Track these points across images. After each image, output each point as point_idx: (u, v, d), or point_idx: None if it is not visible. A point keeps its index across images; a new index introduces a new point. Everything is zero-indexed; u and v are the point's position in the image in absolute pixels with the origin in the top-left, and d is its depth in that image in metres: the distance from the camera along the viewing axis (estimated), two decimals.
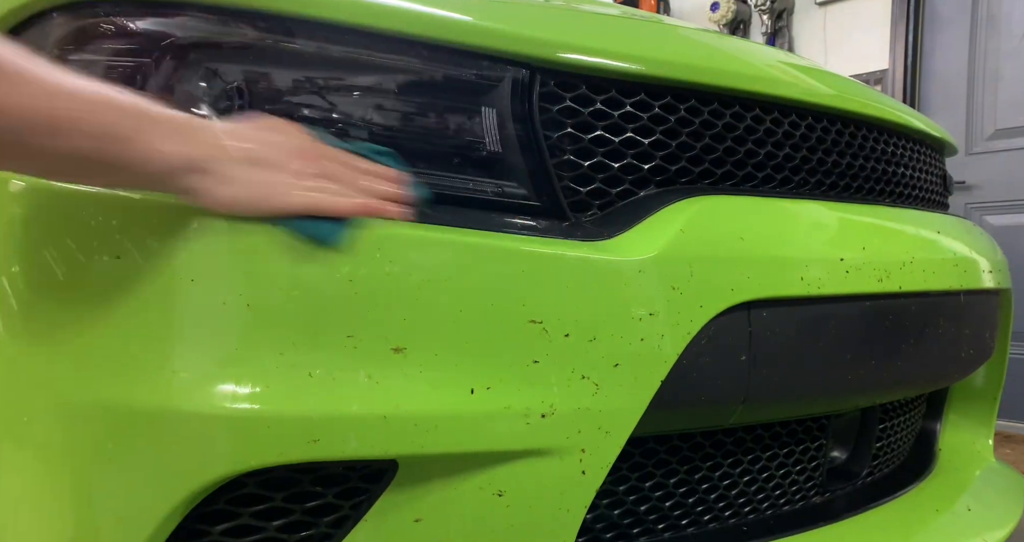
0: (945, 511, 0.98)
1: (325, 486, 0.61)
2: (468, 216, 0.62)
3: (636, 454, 0.77)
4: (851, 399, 0.82)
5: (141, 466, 0.55)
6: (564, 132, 0.68)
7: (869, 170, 0.93)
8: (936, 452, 1.19)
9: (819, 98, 0.84)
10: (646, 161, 0.72)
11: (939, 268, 0.88)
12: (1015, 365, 1.59)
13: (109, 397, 0.55)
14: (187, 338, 0.55)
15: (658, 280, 0.64)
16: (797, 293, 0.71)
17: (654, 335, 0.63)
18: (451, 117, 0.65)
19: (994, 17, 2.81)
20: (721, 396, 0.69)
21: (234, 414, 0.54)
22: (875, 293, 0.78)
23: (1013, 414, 2.65)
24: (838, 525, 0.88)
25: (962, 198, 2.85)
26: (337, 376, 0.56)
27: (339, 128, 0.62)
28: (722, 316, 0.67)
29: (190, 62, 0.60)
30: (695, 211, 0.69)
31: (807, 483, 0.92)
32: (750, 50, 0.89)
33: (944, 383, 1.05)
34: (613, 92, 0.71)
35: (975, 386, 1.24)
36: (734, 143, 0.78)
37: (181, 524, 0.57)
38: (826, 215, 0.80)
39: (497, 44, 0.65)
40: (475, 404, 0.59)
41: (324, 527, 0.62)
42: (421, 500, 0.60)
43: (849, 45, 3.20)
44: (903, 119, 0.98)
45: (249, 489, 0.60)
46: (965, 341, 0.95)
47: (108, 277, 0.56)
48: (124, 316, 0.56)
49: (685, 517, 0.82)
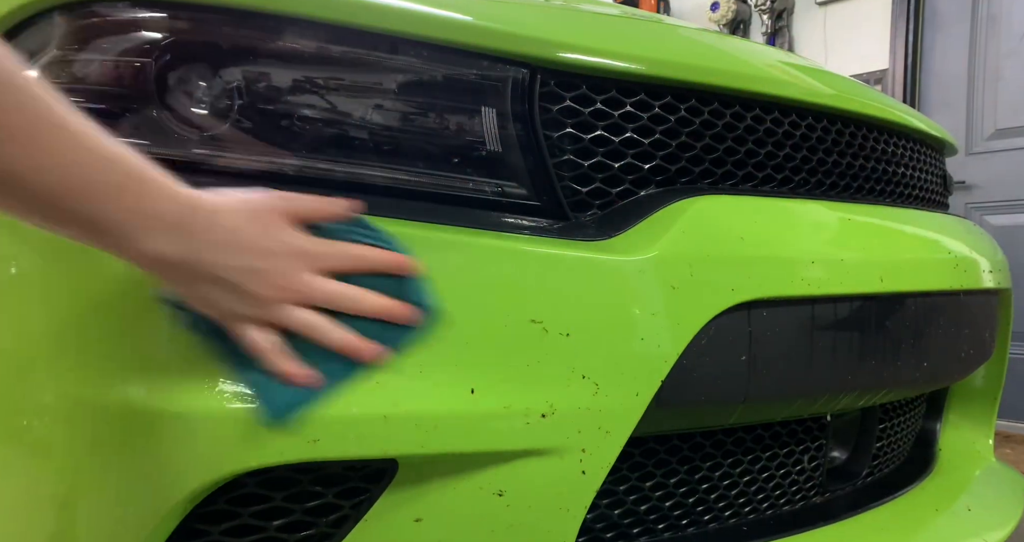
0: (945, 511, 0.98)
1: (325, 486, 0.61)
2: (468, 216, 0.62)
3: (636, 454, 0.77)
4: (851, 399, 0.82)
5: (140, 466, 0.55)
6: (564, 132, 0.68)
7: (869, 170, 0.93)
8: (936, 452, 1.19)
9: (819, 98, 0.84)
10: (646, 161, 0.72)
11: (939, 268, 0.88)
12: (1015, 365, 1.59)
13: (108, 397, 0.55)
14: (187, 338, 0.55)
15: (658, 280, 0.64)
16: (797, 293, 0.71)
17: (654, 335, 0.63)
18: (451, 117, 0.65)
19: (994, 17, 2.81)
20: (721, 396, 0.69)
21: (234, 414, 0.54)
22: (875, 293, 0.78)
23: (1013, 414, 2.65)
24: (838, 525, 0.88)
25: (962, 198, 2.85)
26: None
27: (339, 129, 0.62)
28: (722, 316, 0.67)
29: (190, 62, 0.60)
30: (695, 211, 0.69)
31: (807, 483, 0.92)
32: (750, 50, 0.89)
33: (944, 383, 1.05)
34: (613, 92, 0.71)
35: (975, 386, 1.24)
36: (734, 143, 0.78)
37: (181, 524, 0.57)
38: (826, 215, 0.80)
39: (497, 44, 0.65)
40: (475, 404, 0.59)
41: (324, 527, 0.62)
42: (421, 500, 0.60)
43: (849, 45, 3.20)
44: (903, 119, 0.98)
45: (249, 489, 0.60)
46: (965, 341, 0.95)
47: (107, 276, 0.56)
48: (124, 316, 0.56)
49: (685, 517, 0.82)
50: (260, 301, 0.50)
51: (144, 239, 0.47)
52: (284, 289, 0.50)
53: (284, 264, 0.50)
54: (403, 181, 0.63)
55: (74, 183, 0.44)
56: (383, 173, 0.62)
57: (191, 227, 0.48)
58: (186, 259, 0.48)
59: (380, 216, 0.58)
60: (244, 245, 0.49)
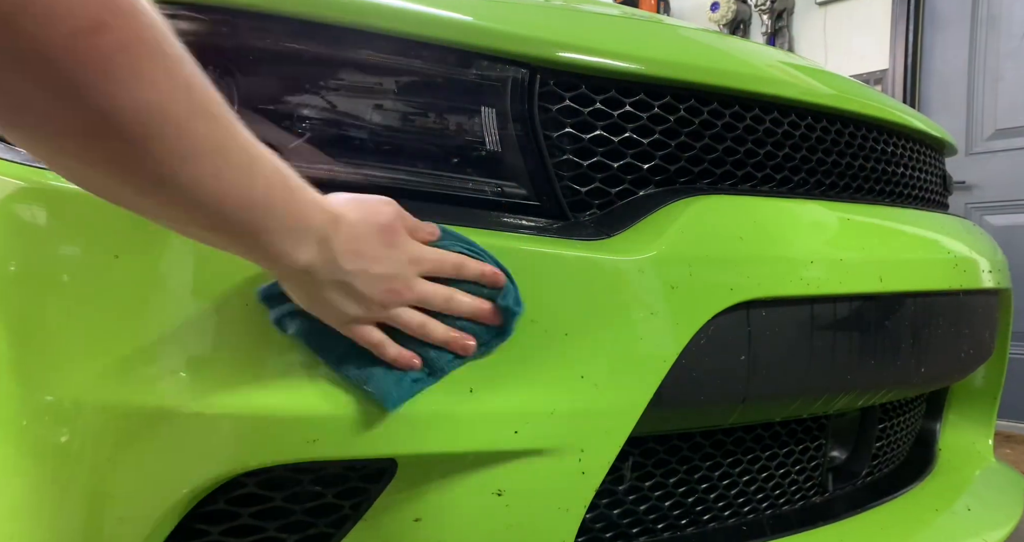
0: (945, 511, 0.98)
1: (325, 486, 0.61)
2: (468, 215, 0.62)
3: (636, 454, 0.77)
4: (851, 399, 0.82)
5: (139, 465, 0.55)
6: (564, 132, 0.68)
7: (869, 170, 0.93)
8: (936, 452, 1.19)
9: (819, 98, 0.84)
10: (646, 161, 0.72)
11: (939, 268, 0.88)
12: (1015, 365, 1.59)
13: (108, 397, 0.55)
14: (186, 337, 0.55)
15: (657, 279, 0.64)
16: (796, 293, 0.71)
17: (653, 335, 0.63)
18: (451, 117, 0.65)
19: (994, 17, 2.81)
20: (720, 396, 0.69)
21: (233, 414, 0.54)
22: (874, 293, 0.78)
23: (1013, 414, 2.65)
24: (838, 525, 0.88)
25: (962, 198, 2.84)
26: (336, 376, 0.56)
27: (338, 129, 0.62)
28: (721, 316, 0.67)
29: None
30: (694, 211, 0.69)
31: (807, 483, 0.92)
32: (750, 50, 0.89)
33: (944, 383, 1.05)
34: (613, 92, 0.71)
35: (975, 386, 1.24)
36: (734, 143, 0.78)
37: (180, 524, 0.57)
38: (826, 215, 0.80)
39: (497, 44, 0.65)
40: (474, 403, 0.59)
41: (323, 527, 0.62)
42: (420, 500, 0.60)
43: (849, 45, 3.20)
44: (903, 119, 0.98)
45: (249, 489, 0.60)
46: (965, 341, 0.95)
47: (107, 276, 0.56)
48: (124, 316, 0.56)
49: (685, 517, 0.82)
50: (378, 303, 0.53)
51: (296, 251, 0.49)
52: (399, 292, 0.54)
53: (403, 270, 0.54)
54: (403, 181, 0.63)
55: (253, 198, 0.46)
56: (383, 173, 0.62)
57: (336, 238, 0.51)
58: (326, 266, 0.51)
59: None
60: (376, 254, 0.53)
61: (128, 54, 0.37)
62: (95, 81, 0.36)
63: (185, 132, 0.41)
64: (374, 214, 0.53)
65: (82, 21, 0.35)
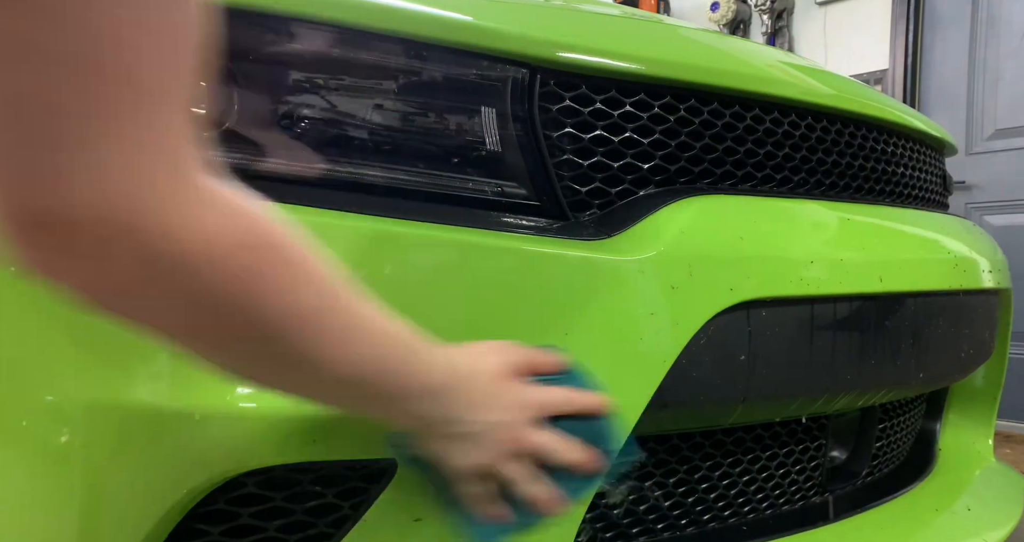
0: (945, 511, 0.98)
1: (325, 486, 0.61)
2: (468, 215, 0.62)
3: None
4: (851, 399, 0.82)
5: (138, 465, 0.55)
6: (564, 132, 0.68)
7: (869, 170, 0.93)
8: (936, 452, 1.19)
9: (819, 98, 0.84)
10: (646, 161, 0.72)
11: (939, 268, 0.88)
12: (1015, 365, 1.59)
13: (107, 396, 0.55)
14: None
15: (657, 279, 0.64)
16: (796, 293, 0.71)
17: (653, 334, 0.63)
18: (451, 117, 0.65)
19: (994, 17, 2.81)
20: (720, 396, 0.69)
21: (233, 414, 0.54)
22: (874, 293, 0.78)
23: (1013, 414, 2.65)
24: (838, 525, 0.88)
25: (962, 198, 2.85)
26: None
27: (338, 129, 0.62)
28: (721, 316, 0.67)
29: None
30: (695, 211, 0.69)
31: (807, 483, 0.92)
32: (750, 50, 0.89)
33: (944, 383, 1.05)
34: (613, 92, 0.71)
35: (975, 386, 1.24)
36: (734, 143, 0.78)
37: (180, 524, 0.57)
38: (826, 215, 0.80)
39: (497, 44, 0.65)
40: None
41: (324, 527, 0.62)
42: (421, 500, 0.60)
43: (849, 45, 3.21)
44: (903, 119, 0.98)
45: (249, 489, 0.60)
46: (965, 341, 0.95)
47: None
48: None
49: (685, 517, 0.82)
50: (491, 453, 0.54)
51: (412, 406, 0.50)
52: (511, 441, 0.54)
53: (516, 416, 0.54)
54: (403, 181, 0.63)
55: (372, 368, 0.47)
56: (383, 173, 0.62)
57: (452, 391, 0.52)
58: (445, 418, 0.52)
59: (379, 216, 0.58)
60: (492, 403, 0.53)
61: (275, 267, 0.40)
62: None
63: (322, 326, 0.43)
64: (489, 362, 0.54)
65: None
